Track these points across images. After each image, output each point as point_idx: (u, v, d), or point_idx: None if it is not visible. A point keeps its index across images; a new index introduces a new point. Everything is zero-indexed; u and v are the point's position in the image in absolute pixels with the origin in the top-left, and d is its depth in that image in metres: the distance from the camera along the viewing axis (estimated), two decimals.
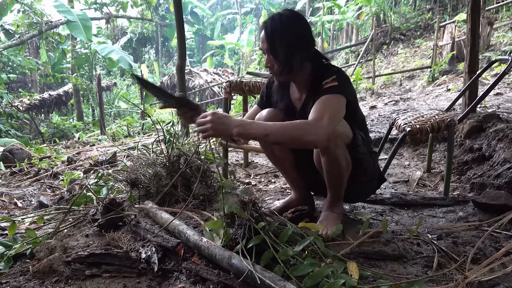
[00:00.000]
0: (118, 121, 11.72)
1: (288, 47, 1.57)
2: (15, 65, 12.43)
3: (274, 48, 1.58)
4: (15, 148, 5.02)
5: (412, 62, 10.24)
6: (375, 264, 1.39)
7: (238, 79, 2.80)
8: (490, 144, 2.59)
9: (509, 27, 9.12)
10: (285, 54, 1.57)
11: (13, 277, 1.35)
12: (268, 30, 1.58)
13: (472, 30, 3.24)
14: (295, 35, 1.57)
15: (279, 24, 1.56)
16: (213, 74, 16.82)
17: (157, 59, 26.37)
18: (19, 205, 2.79)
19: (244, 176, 2.95)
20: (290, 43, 1.56)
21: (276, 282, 1.09)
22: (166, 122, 8.51)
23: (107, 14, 14.90)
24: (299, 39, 1.59)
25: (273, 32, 1.57)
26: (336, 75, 1.56)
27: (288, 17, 1.58)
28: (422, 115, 2.45)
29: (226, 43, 19.77)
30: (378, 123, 4.42)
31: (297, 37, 1.58)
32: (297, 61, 1.60)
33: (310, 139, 1.41)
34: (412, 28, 12.58)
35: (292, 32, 1.56)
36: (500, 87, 5.44)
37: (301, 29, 1.59)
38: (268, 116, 1.76)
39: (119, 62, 12.57)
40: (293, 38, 1.57)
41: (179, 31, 3.89)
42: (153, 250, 1.43)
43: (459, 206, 2.04)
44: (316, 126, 1.42)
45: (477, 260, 1.38)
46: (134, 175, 2.17)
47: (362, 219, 1.84)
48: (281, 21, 1.57)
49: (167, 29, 23.98)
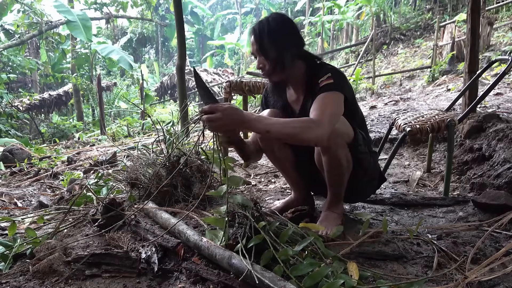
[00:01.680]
0: (118, 121, 11.72)
1: (277, 44, 1.60)
2: (15, 65, 12.43)
3: (263, 48, 1.60)
4: (15, 148, 5.02)
5: (412, 62, 10.24)
6: (375, 264, 1.39)
7: (238, 79, 2.81)
8: (490, 144, 2.59)
9: (509, 27, 9.12)
10: (275, 52, 1.60)
11: (13, 277, 1.35)
12: (256, 32, 1.62)
13: (472, 30, 3.24)
14: (283, 33, 1.61)
15: (266, 25, 1.60)
16: (213, 74, 16.81)
17: (157, 59, 26.38)
18: (19, 205, 2.79)
19: (244, 176, 2.94)
20: (278, 40, 1.60)
21: (276, 282, 1.09)
22: (166, 122, 8.51)
23: (107, 14, 14.90)
24: (287, 37, 1.62)
25: (261, 33, 1.60)
26: (331, 72, 1.58)
27: (274, 19, 1.62)
28: (422, 115, 2.45)
29: (226, 43, 19.76)
30: (378, 123, 4.42)
31: (284, 36, 1.61)
32: (288, 57, 1.62)
33: (312, 136, 1.41)
34: (412, 28, 12.58)
35: (279, 31, 1.60)
36: (500, 87, 5.44)
37: (288, 28, 1.63)
38: (268, 116, 1.76)
39: (119, 62, 12.57)
40: (280, 36, 1.60)
41: (179, 31, 3.89)
42: (153, 250, 1.43)
43: (459, 206, 2.04)
44: (317, 123, 1.43)
45: (477, 260, 1.38)
46: (134, 175, 2.17)
47: (362, 219, 1.84)
48: (268, 23, 1.61)
49: (167, 29, 23.99)
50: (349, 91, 1.64)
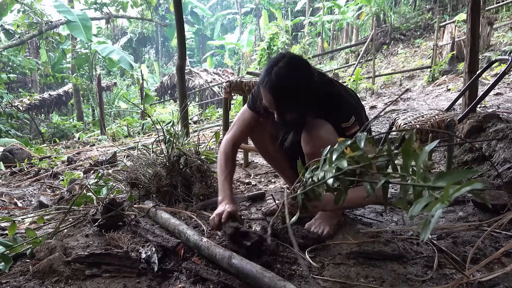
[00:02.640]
0: (118, 121, 11.71)
1: (297, 107, 1.48)
2: (15, 65, 12.41)
3: (281, 110, 1.50)
4: (15, 148, 5.02)
5: (412, 62, 10.25)
6: (375, 264, 1.39)
7: (238, 79, 2.80)
8: (490, 144, 2.59)
9: (509, 27, 9.12)
10: (295, 114, 1.50)
11: (13, 277, 1.36)
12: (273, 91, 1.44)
13: (472, 30, 3.24)
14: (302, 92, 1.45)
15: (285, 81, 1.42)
16: (213, 74, 16.81)
17: (157, 59, 26.39)
18: (19, 205, 2.79)
19: (244, 176, 2.94)
20: (298, 101, 1.46)
21: (276, 282, 1.09)
22: (166, 122, 8.51)
23: (107, 14, 14.89)
24: (307, 94, 1.47)
25: (279, 93, 1.44)
26: (353, 115, 1.53)
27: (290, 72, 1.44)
28: (422, 115, 2.45)
29: (226, 43, 19.77)
30: (378, 123, 4.42)
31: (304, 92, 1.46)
32: (306, 115, 1.54)
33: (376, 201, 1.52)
34: (412, 28, 12.59)
35: (299, 90, 1.44)
36: (500, 87, 5.44)
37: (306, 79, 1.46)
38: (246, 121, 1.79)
39: (120, 62, 12.56)
40: (300, 95, 1.45)
41: (179, 31, 3.89)
42: (153, 250, 1.43)
43: (459, 206, 2.04)
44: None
45: (477, 260, 1.38)
46: (134, 175, 2.17)
47: (362, 219, 1.84)
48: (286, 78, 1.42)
49: (167, 29, 23.99)
50: (366, 120, 1.63)
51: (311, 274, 1.32)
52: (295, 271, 1.34)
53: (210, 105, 13.37)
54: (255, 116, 1.78)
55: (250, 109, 1.79)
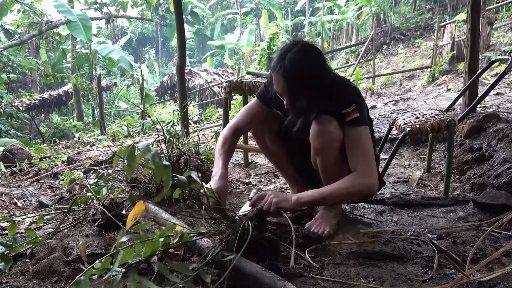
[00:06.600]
0: (118, 121, 11.72)
1: (309, 94, 1.48)
2: (15, 65, 12.40)
3: (293, 96, 1.49)
4: (15, 148, 5.02)
5: (412, 62, 10.25)
6: (375, 264, 1.39)
7: (238, 79, 2.80)
8: (490, 144, 2.59)
9: (509, 27, 9.12)
10: (305, 102, 1.50)
11: (13, 277, 1.35)
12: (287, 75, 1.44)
13: (472, 30, 3.24)
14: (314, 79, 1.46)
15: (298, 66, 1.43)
16: (213, 74, 16.81)
17: (157, 59, 26.40)
18: (19, 205, 2.79)
19: (244, 176, 2.94)
20: (311, 87, 1.46)
21: (276, 282, 1.09)
22: (166, 122, 8.51)
23: (107, 14, 14.89)
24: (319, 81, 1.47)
25: (292, 76, 1.44)
26: (354, 102, 1.52)
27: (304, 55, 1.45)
28: (422, 115, 2.45)
29: (226, 43, 19.76)
30: (378, 123, 4.41)
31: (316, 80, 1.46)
32: (316, 104, 1.54)
33: (366, 191, 1.51)
34: (412, 28, 12.60)
35: (311, 77, 1.46)
36: (500, 87, 5.44)
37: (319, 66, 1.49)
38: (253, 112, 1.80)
39: (120, 62, 12.56)
40: (312, 82, 1.46)
41: (179, 31, 3.88)
42: None
43: (459, 206, 2.04)
44: (366, 175, 1.48)
45: (477, 260, 1.38)
46: (134, 175, 2.17)
47: (362, 219, 1.84)
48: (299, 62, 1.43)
49: (167, 29, 24.00)
50: (369, 116, 1.65)
51: (311, 274, 1.32)
52: (295, 271, 1.34)
53: (210, 105, 13.37)
54: (263, 107, 1.78)
55: (260, 99, 1.79)
